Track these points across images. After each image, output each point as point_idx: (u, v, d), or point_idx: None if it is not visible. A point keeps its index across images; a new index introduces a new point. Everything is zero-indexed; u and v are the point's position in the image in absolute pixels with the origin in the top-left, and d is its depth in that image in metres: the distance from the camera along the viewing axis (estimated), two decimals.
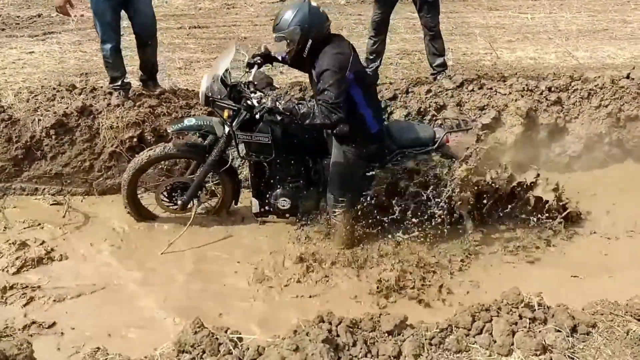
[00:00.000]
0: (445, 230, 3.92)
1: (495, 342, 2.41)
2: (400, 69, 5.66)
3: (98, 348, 2.39)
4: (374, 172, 3.88)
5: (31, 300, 3.53)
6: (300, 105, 3.51)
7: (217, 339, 2.34)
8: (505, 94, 5.08)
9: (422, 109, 4.94)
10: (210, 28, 7.40)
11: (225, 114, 3.73)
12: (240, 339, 2.36)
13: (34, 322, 3.33)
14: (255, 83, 3.89)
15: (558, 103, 5.09)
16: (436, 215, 3.87)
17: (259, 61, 3.94)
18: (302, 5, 3.52)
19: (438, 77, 5.19)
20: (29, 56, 6.20)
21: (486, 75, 5.37)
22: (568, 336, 2.39)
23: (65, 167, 4.54)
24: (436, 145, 3.95)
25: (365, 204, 3.92)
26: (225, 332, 2.39)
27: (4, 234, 4.12)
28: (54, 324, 3.34)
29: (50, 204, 4.53)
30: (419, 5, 5.05)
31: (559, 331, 2.41)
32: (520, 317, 2.51)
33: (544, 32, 7.11)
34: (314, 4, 3.58)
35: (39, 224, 4.26)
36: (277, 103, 3.55)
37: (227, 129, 3.83)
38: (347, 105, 3.52)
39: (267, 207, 4.14)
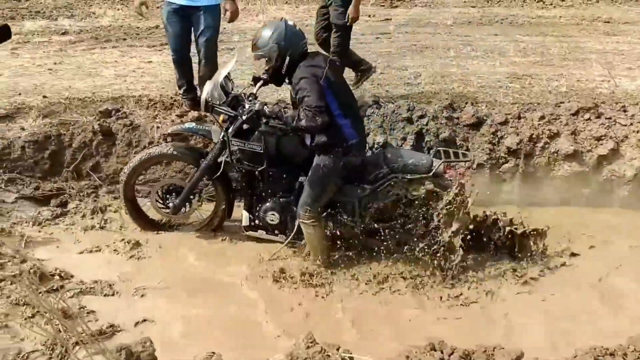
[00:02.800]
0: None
1: None
2: (511, 93, 5.48)
3: (213, 353, 2.45)
4: (362, 192, 3.92)
5: (142, 297, 3.71)
6: (286, 109, 3.66)
7: (328, 356, 2.34)
8: (625, 125, 4.82)
9: (534, 136, 4.77)
10: None
11: (221, 118, 3.88)
12: (352, 358, 2.35)
13: (145, 320, 3.49)
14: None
15: None
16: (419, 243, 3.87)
17: (265, 77, 3.95)
18: (279, 24, 3.74)
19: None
20: (147, 65, 6.56)
21: (603, 103, 5.11)
22: None
23: (179, 172, 4.74)
24: (431, 174, 3.87)
25: (338, 219, 3.95)
26: (337, 350, 2.38)
27: (120, 233, 4.35)
28: (164, 322, 3.48)
29: None
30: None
31: None
32: None
33: None
34: (290, 23, 3.77)
35: None
36: (265, 107, 3.74)
37: (222, 134, 3.91)
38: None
39: (257, 222, 4.16)
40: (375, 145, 4.75)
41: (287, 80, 3.82)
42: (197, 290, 3.80)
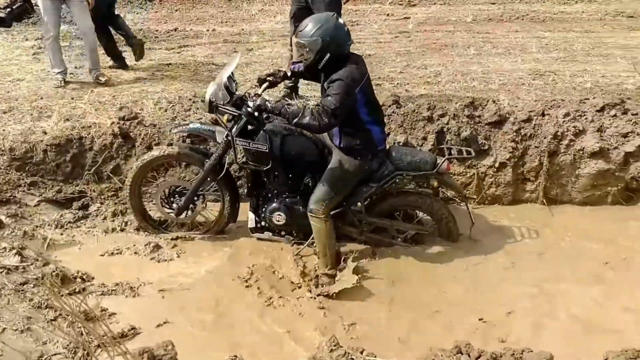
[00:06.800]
0: None
1: None
2: (534, 90, 5.38)
3: (235, 356, 2.43)
4: (367, 189, 3.94)
5: (163, 299, 3.71)
6: (290, 106, 3.62)
7: (352, 359, 2.30)
8: None
9: (558, 134, 4.68)
10: None
11: (225, 118, 3.83)
12: None
13: (166, 322, 3.49)
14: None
15: None
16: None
17: (271, 79, 3.92)
18: (328, 19, 3.57)
19: None
20: (166, 67, 6.57)
21: (629, 99, 4.98)
22: None
23: (197, 174, 4.71)
24: (435, 171, 3.89)
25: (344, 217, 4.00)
26: (361, 353, 2.34)
27: (140, 236, 4.36)
28: (185, 325, 3.47)
29: None
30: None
31: None
32: None
33: None
34: (341, 21, 3.62)
35: None
36: (267, 103, 3.67)
37: (226, 134, 3.89)
38: (354, 121, 3.63)
39: (263, 223, 4.15)
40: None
41: (323, 78, 3.69)
42: (216, 293, 3.78)
